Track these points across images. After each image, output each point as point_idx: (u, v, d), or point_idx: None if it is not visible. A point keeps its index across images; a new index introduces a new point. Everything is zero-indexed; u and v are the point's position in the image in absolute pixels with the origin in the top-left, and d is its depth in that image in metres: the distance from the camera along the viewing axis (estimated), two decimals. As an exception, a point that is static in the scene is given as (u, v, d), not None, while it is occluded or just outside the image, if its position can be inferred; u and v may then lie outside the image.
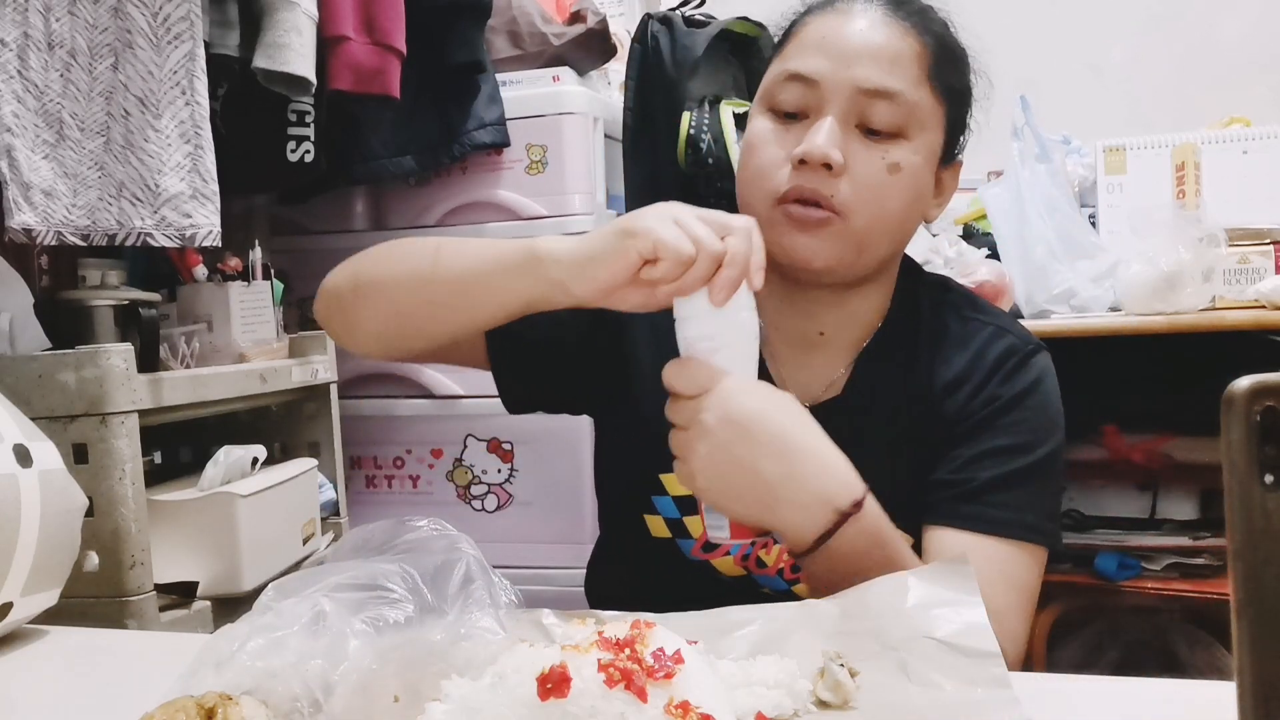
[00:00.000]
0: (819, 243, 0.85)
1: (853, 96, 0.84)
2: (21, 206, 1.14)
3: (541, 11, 1.93)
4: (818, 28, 0.88)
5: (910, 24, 0.87)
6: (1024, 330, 0.94)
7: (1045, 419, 0.89)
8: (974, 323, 0.93)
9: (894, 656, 0.59)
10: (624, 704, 0.46)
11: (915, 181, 0.87)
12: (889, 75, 0.84)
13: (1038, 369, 0.90)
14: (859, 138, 0.85)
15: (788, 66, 0.88)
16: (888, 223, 0.86)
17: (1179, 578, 1.66)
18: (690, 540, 0.92)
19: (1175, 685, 0.60)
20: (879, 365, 0.91)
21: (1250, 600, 0.37)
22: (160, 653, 0.79)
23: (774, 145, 0.87)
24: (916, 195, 0.88)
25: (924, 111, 0.86)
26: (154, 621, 1.18)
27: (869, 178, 0.84)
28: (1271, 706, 0.37)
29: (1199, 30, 2.23)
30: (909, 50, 0.86)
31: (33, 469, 0.80)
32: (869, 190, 0.84)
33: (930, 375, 0.90)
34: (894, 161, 0.85)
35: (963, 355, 0.90)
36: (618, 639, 0.49)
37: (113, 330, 1.29)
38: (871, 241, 0.86)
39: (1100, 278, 1.75)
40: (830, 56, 0.85)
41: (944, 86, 0.88)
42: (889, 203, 0.86)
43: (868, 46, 0.85)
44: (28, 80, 1.16)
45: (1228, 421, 0.37)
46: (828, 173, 0.83)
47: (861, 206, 0.84)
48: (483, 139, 1.78)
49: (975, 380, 0.89)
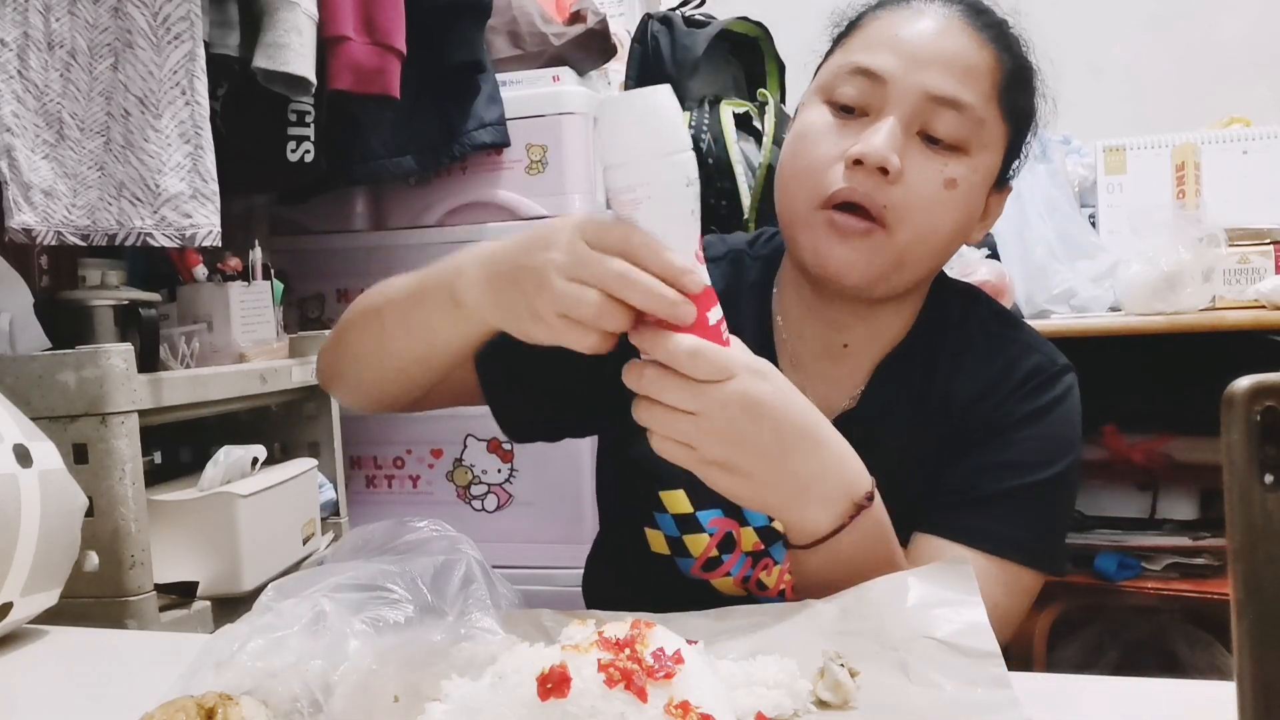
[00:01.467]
0: (858, 256, 0.80)
1: (920, 101, 0.80)
2: (21, 206, 1.14)
3: (541, 11, 1.93)
4: (890, 24, 0.83)
5: (988, 36, 0.83)
6: (1053, 349, 0.90)
7: (1058, 441, 0.85)
8: (1001, 338, 0.89)
9: (894, 656, 0.59)
10: (624, 704, 0.46)
11: (968, 201, 0.83)
12: (961, 85, 0.80)
13: (1060, 388, 0.86)
14: (919, 146, 0.81)
15: (854, 59, 0.83)
16: (934, 241, 0.82)
17: (1179, 578, 1.66)
18: (690, 559, 0.90)
19: (1175, 685, 0.60)
20: (897, 378, 0.88)
21: (1250, 600, 0.37)
22: (160, 653, 0.79)
23: (829, 140, 0.82)
24: (967, 215, 0.84)
25: (988, 129, 0.82)
26: (154, 621, 1.18)
27: (924, 189, 0.80)
28: (1271, 706, 0.37)
29: (1199, 30, 2.23)
30: (984, 63, 0.82)
31: (33, 469, 0.79)
32: (922, 203, 0.80)
33: (949, 389, 0.87)
34: (951, 176, 0.80)
35: (986, 369, 0.87)
36: (618, 639, 0.49)
37: (113, 330, 1.29)
38: (912, 259, 0.82)
39: (1100, 278, 1.75)
40: (901, 55, 0.81)
41: (1011, 107, 0.84)
42: (939, 219, 0.81)
43: (942, 52, 0.81)
44: (28, 80, 1.16)
45: (1228, 421, 0.37)
46: (883, 177, 0.79)
47: (911, 220, 0.80)
48: (483, 139, 1.78)
49: (995, 395, 0.85)
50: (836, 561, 0.70)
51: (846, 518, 0.70)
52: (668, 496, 0.88)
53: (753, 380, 0.66)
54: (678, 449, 0.67)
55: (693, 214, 0.64)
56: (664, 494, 0.88)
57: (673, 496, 0.88)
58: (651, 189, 0.63)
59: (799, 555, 0.73)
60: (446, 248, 1.97)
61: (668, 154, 0.63)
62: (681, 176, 0.63)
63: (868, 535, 0.71)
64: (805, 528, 0.71)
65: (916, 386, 0.88)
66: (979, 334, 0.89)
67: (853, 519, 0.70)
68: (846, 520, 0.70)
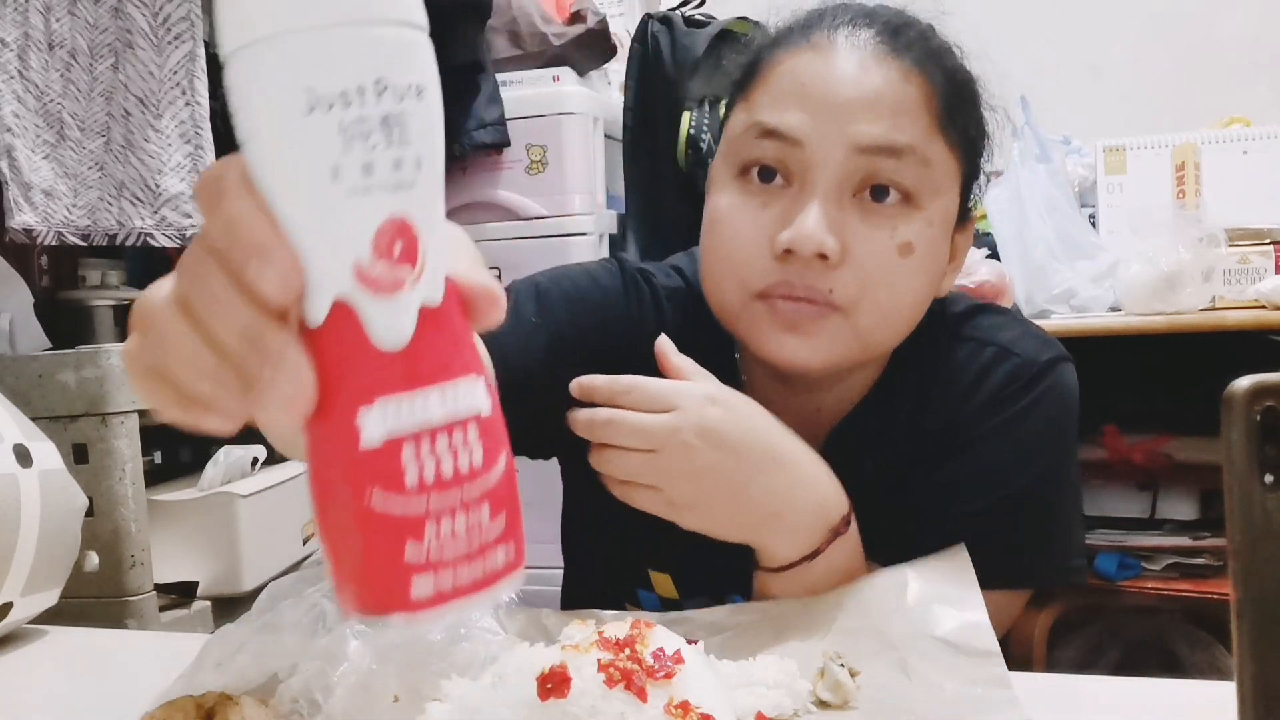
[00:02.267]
0: (814, 343, 0.69)
1: (848, 157, 0.67)
2: (22, 206, 1.14)
3: (541, 11, 1.93)
4: (793, 71, 0.70)
5: (912, 59, 0.70)
6: (1036, 345, 0.77)
7: (1035, 446, 0.74)
8: (970, 344, 0.78)
9: (894, 655, 0.59)
10: (624, 704, 0.46)
11: (930, 260, 0.70)
12: (893, 127, 0.67)
13: (1040, 389, 0.75)
14: (858, 211, 0.68)
15: (759, 119, 0.70)
16: (900, 316, 0.71)
17: (1179, 578, 1.66)
18: None
19: (1175, 685, 0.60)
20: (857, 429, 0.78)
21: (1250, 600, 0.37)
22: (160, 653, 0.79)
23: (749, 224, 0.69)
24: (933, 275, 0.72)
25: (936, 169, 0.69)
26: (154, 621, 1.18)
27: (876, 264, 0.68)
28: (1271, 706, 0.37)
29: (1199, 30, 2.23)
30: (915, 94, 0.69)
31: (33, 469, 0.79)
32: (877, 279, 0.68)
33: (920, 422, 0.77)
34: (905, 240, 0.68)
35: (953, 390, 0.76)
36: (618, 639, 0.49)
37: (113, 330, 1.29)
38: (879, 338, 0.71)
39: (1100, 278, 1.75)
40: (814, 109, 0.68)
41: (958, 135, 0.71)
42: (901, 292, 0.69)
43: (863, 94, 0.68)
44: (28, 80, 1.16)
45: (1228, 421, 0.37)
46: (823, 264, 0.67)
47: (867, 300, 0.68)
48: (483, 139, 1.78)
49: (964, 411, 0.75)
50: (805, 586, 0.67)
51: (822, 543, 0.66)
52: (659, 579, 0.81)
53: (705, 406, 0.63)
54: (642, 493, 0.64)
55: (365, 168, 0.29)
56: (655, 574, 0.80)
57: (663, 579, 0.81)
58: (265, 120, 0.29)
59: (765, 578, 0.68)
60: (446, 248, 1.98)
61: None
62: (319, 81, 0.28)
63: (840, 562, 0.67)
64: (777, 553, 0.66)
65: (882, 436, 0.77)
66: (945, 352, 0.78)
67: (829, 543, 0.66)
68: (822, 545, 0.66)
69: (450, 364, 0.31)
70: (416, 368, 0.30)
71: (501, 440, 0.33)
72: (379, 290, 0.30)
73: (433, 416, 0.30)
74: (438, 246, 0.31)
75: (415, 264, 0.30)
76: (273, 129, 0.29)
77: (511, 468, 0.33)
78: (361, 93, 0.29)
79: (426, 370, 0.31)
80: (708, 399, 0.64)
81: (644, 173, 1.82)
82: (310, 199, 0.29)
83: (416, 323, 0.30)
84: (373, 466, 0.30)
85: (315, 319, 0.30)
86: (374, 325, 0.30)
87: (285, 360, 0.30)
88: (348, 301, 0.30)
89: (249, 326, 0.29)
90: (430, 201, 0.31)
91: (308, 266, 0.29)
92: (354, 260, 0.29)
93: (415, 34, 0.31)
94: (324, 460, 0.31)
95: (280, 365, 0.29)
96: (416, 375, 0.30)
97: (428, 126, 0.30)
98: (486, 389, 0.32)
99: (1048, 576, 0.78)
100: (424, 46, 0.31)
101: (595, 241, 1.80)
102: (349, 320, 0.30)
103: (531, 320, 0.75)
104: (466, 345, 0.32)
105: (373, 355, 0.30)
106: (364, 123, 0.29)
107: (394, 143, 0.29)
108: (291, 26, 0.28)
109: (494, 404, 0.33)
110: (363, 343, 0.30)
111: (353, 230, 0.29)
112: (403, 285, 0.30)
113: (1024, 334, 0.79)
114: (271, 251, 0.29)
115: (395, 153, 0.29)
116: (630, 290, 0.81)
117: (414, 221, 0.30)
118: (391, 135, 0.29)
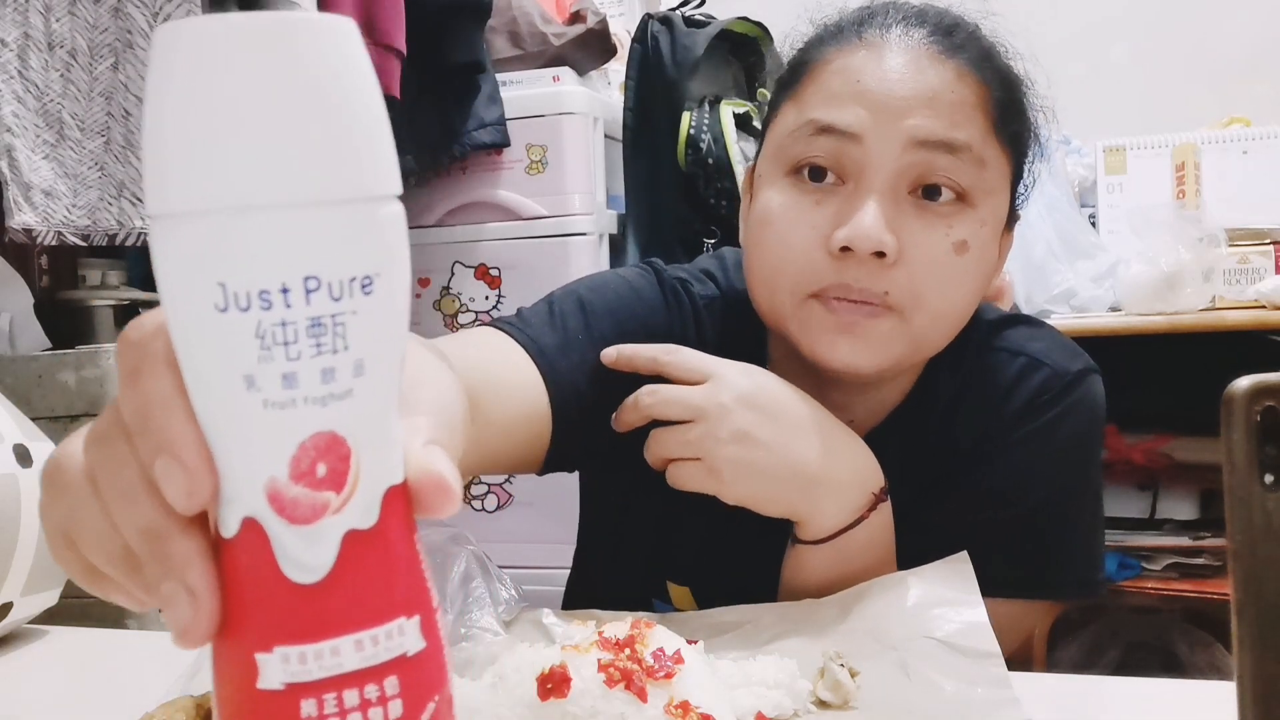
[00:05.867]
0: (868, 347, 0.68)
1: (906, 151, 0.66)
2: (22, 206, 1.14)
3: (541, 11, 1.93)
4: (847, 68, 0.69)
5: (965, 60, 0.69)
6: (1067, 354, 0.77)
7: (1060, 460, 0.75)
8: (1001, 354, 0.77)
9: (894, 656, 0.59)
10: (624, 704, 0.46)
11: (984, 261, 0.70)
12: (952, 125, 0.67)
13: (1069, 400, 0.75)
14: (915, 209, 0.67)
15: (814, 116, 0.69)
16: (953, 315, 0.70)
17: (1179, 578, 1.66)
18: None
19: (1175, 685, 0.60)
20: (890, 437, 0.76)
21: (1250, 600, 0.37)
22: (160, 653, 0.79)
23: (803, 223, 0.68)
24: (984, 277, 0.71)
25: (991, 170, 0.69)
26: (154, 621, 1.18)
27: (931, 263, 0.67)
28: (1271, 706, 0.37)
29: (1199, 30, 2.23)
30: (970, 95, 0.68)
31: (33, 469, 0.79)
32: (932, 279, 0.67)
33: (948, 430, 0.77)
34: (960, 238, 0.67)
35: (985, 404, 0.76)
36: (618, 639, 0.49)
37: (113, 330, 1.29)
38: (931, 339, 0.70)
39: (1100, 278, 1.75)
40: (871, 105, 0.67)
41: (1010, 136, 0.71)
42: (956, 292, 0.69)
43: (919, 93, 0.67)
44: (28, 80, 1.16)
45: (1228, 421, 0.37)
46: (879, 262, 0.66)
47: (923, 301, 0.67)
48: (483, 139, 1.78)
49: (995, 424, 0.75)
50: (843, 559, 0.67)
51: (865, 510, 0.67)
52: (677, 592, 0.80)
53: (741, 376, 0.67)
54: (685, 468, 0.66)
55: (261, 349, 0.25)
56: (672, 586, 0.80)
57: (680, 592, 0.80)
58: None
59: (805, 552, 0.68)
60: (446, 248, 1.98)
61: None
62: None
63: (878, 535, 0.68)
64: (822, 522, 0.66)
65: (914, 444, 0.77)
66: (978, 362, 0.78)
67: (871, 511, 0.67)
68: (865, 513, 0.67)
69: (375, 603, 0.27)
70: (329, 607, 0.26)
71: (434, 682, 0.28)
72: (293, 517, 0.26)
73: (344, 664, 0.26)
74: (379, 459, 0.27)
75: (342, 488, 0.26)
76: (183, 322, 0.25)
77: (445, 706, 0.29)
78: (285, 293, 0.24)
79: (342, 612, 0.26)
80: (742, 370, 0.67)
81: (644, 173, 1.82)
82: (221, 407, 0.25)
83: (339, 552, 0.26)
84: (269, 708, 0.26)
85: (226, 531, 0.26)
86: (285, 554, 0.26)
87: (187, 578, 0.26)
88: (260, 521, 0.26)
89: (151, 527, 0.26)
90: (374, 411, 0.26)
91: (222, 474, 0.26)
92: (268, 479, 0.25)
93: (371, 209, 0.26)
94: (224, 678, 0.27)
95: (178, 586, 0.26)
96: (327, 619, 0.26)
97: (377, 323, 0.26)
98: (420, 628, 0.28)
99: (1068, 589, 0.78)
100: (384, 223, 0.26)
101: (595, 241, 1.80)
102: (260, 541, 0.26)
103: (579, 337, 0.75)
104: (400, 575, 0.27)
105: (282, 588, 0.26)
106: (287, 327, 0.24)
107: (324, 350, 0.25)
108: (206, 206, 0.24)
109: (431, 640, 0.28)
110: (273, 571, 0.26)
111: (267, 446, 0.25)
112: (323, 512, 0.26)
113: (1054, 345, 0.79)
114: (181, 452, 0.25)
115: (325, 361, 0.25)
116: (671, 302, 0.81)
117: (347, 437, 0.26)
118: (322, 342, 0.25)
